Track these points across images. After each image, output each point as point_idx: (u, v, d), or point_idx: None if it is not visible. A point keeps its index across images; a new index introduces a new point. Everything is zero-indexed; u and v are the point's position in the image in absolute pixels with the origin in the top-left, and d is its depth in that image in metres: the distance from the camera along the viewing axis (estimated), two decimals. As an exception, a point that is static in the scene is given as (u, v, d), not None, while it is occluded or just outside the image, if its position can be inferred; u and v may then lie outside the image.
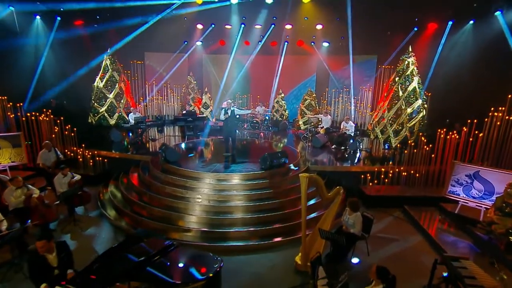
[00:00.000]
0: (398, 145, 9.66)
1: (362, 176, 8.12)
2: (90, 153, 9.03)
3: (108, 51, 11.65)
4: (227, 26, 13.97)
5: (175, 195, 6.92)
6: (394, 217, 7.18)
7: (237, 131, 9.14)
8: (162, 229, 6.11)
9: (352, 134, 10.48)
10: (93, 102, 11.38)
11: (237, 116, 8.60)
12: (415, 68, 10.31)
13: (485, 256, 5.38)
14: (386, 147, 10.49)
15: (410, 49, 10.43)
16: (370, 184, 8.13)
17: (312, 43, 14.91)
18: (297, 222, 5.99)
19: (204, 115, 13.30)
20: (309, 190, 6.68)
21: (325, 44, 14.75)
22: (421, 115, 10.13)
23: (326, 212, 5.36)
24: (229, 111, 8.43)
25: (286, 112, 14.64)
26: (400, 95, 10.23)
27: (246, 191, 6.93)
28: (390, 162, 8.74)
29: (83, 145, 9.05)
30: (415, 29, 12.61)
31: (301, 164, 8.35)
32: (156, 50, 14.99)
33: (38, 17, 10.95)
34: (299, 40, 14.82)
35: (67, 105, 11.67)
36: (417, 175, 8.19)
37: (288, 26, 13.70)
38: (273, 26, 13.78)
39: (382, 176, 8.21)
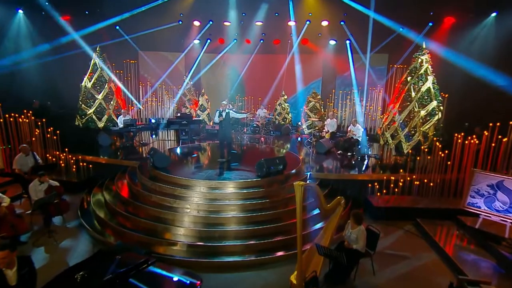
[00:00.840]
0: (410, 151, 9.32)
1: (370, 185, 7.87)
2: (73, 158, 8.87)
3: (98, 48, 11.53)
4: (226, 23, 13.88)
5: (162, 204, 6.74)
6: (405, 231, 6.87)
7: (233, 135, 8.91)
8: (147, 242, 5.89)
9: (360, 139, 10.27)
10: (81, 103, 11.26)
11: (234, 119, 8.38)
12: (430, 66, 10.00)
13: (510, 278, 5.03)
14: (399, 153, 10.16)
15: (424, 46, 10.11)
16: (378, 194, 7.86)
17: (318, 41, 14.77)
18: (295, 236, 5.66)
19: (201, 118, 13.13)
20: (308, 201, 6.53)
21: (332, 42, 14.59)
22: (436, 118, 9.78)
23: (325, 225, 5.08)
24: (224, 114, 8.35)
25: (290, 115, 14.47)
26: (413, 96, 9.92)
27: (239, 200, 6.73)
28: (401, 170, 8.43)
29: (66, 149, 8.87)
30: (430, 24, 12.30)
31: (302, 171, 8.19)
32: (151, 49, 14.99)
33: (20, 11, 10.92)
34: (303, 38, 14.64)
35: (52, 106, 11.57)
36: (431, 184, 7.88)
37: (291, 23, 13.54)
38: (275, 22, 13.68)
39: (392, 185, 7.91)
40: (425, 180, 7.93)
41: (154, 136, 13.06)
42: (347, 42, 14.00)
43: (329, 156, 10.16)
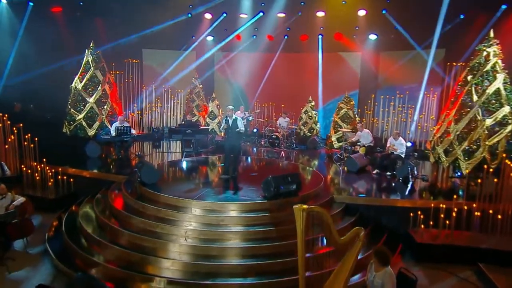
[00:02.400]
0: (468, 171, 8.52)
1: (412, 214, 7.22)
2: (52, 171, 8.86)
3: (91, 44, 11.75)
4: (242, 15, 13.83)
5: (144, 229, 6.47)
6: (459, 280, 6.14)
7: (242, 146, 8.94)
8: (122, 277, 5.62)
9: (403, 155, 9.72)
10: (69, 107, 11.41)
11: (240, 128, 8.35)
12: (499, 61, 9.15)
13: None
14: (458, 174, 9.35)
15: (492, 35, 9.24)
16: (422, 226, 7.16)
17: (354, 36, 14.39)
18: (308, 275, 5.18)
19: (209, 127, 12.97)
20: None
21: (372, 37, 14.12)
22: (509, 129, 8.87)
23: (338, 266, 4.52)
24: (231, 121, 8.22)
25: (317, 125, 14.09)
26: (475, 100, 9.15)
27: (238, 226, 6.42)
28: (455, 196, 7.70)
29: (44, 160, 8.89)
30: (503, 7, 11.37)
31: (323, 192, 7.78)
32: (156, 46, 15.18)
33: (4, 1, 11.31)
34: (336, 32, 14.27)
35: (35, 110, 11.83)
36: (500, 217, 7.11)
37: (321, 14, 13.22)
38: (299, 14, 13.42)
39: (442, 215, 7.20)
40: (491, 211, 7.18)
41: (156, 147, 13.10)
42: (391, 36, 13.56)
43: (362, 175, 9.72)
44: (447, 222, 7.14)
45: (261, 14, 13.64)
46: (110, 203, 7.45)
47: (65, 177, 8.75)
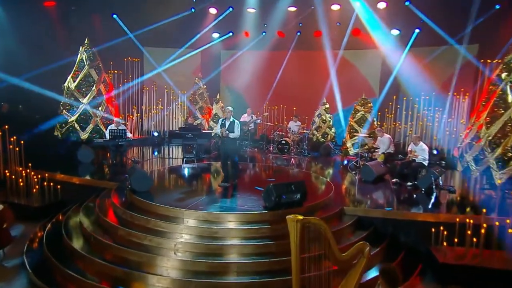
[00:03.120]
0: (501, 182, 8.21)
1: (434, 229, 6.91)
2: (38, 176, 8.88)
3: (86, 40, 11.86)
4: (249, 10, 13.80)
5: (133, 242, 6.36)
6: None
7: (237, 151, 9.00)
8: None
9: (425, 163, 9.45)
10: (62, 108, 11.50)
11: (235, 134, 8.30)
12: (540, 55, 8.88)
13: None
14: (490, 185, 9.08)
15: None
16: (445, 244, 6.85)
17: (374, 32, 14.07)
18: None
19: (212, 131, 12.91)
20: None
21: (394, 32, 13.99)
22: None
23: (339, 287, 4.29)
24: (227, 124, 8.21)
25: (332, 130, 13.92)
26: (510, 101, 8.90)
27: (235, 239, 6.28)
28: (485, 210, 7.37)
29: (30, 165, 8.92)
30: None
31: (332, 203, 7.62)
32: (158, 44, 15.30)
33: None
34: (354, 28, 14.17)
35: (24, 111, 11.95)
36: None
37: (336, 7, 13.07)
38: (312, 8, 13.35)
39: (469, 232, 6.86)
40: (529, 228, 6.83)
41: (156, 152, 13.22)
42: (416, 30, 13.37)
43: (379, 185, 9.50)
44: (475, 239, 6.82)
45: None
46: (97, 213, 7.39)
47: (52, 184, 8.75)
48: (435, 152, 12.03)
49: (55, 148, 11.14)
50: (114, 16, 13.51)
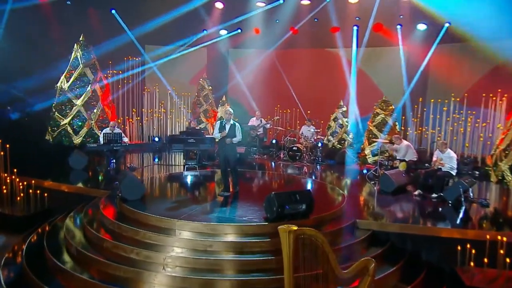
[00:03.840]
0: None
1: (459, 247, 6.65)
2: (24, 183, 8.90)
3: (81, 37, 11.99)
4: (259, 4, 13.79)
5: (119, 256, 6.27)
6: None
7: (238, 157, 8.92)
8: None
9: (453, 172, 9.24)
10: (54, 110, 11.62)
11: (237, 139, 8.30)
12: None
13: None
14: None
15: None
16: (473, 264, 6.59)
17: (399, 26, 14.04)
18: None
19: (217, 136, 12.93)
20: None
21: (421, 27, 13.80)
22: None
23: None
24: (227, 126, 8.19)
25: (350, 136, 13.82)
26: None
27: (232, 254, 6.14)
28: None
29: (15, 170, 8.96)
30: None
31: (341, 216, 7.47)
32: (160, 42, 15.45)
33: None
34: (376, 23, 14.01)
35: (13, 112, 12.07)
36: None
37: (354, 0, 13.05)
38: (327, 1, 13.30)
39: (502, 251, 6.59)
40: None
41: (157, 159, 13.32)
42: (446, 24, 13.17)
43: (399, 197, 9.27)
44: (508, 260, 6.53)
45: (280, 1, 13.51)
46: (83, 223, 7.35)
47: (38, 191, 8.74)
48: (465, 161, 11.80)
49: (45, 153, 11.18)
50: (113, 11, 13.62)
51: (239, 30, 15.27)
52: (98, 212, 7.62)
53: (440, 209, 8.44)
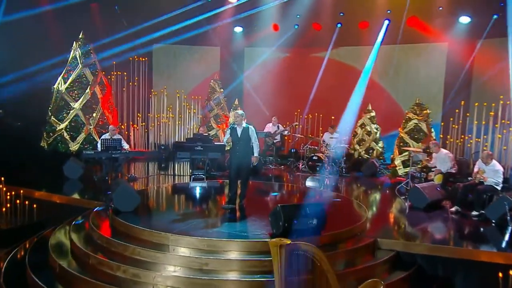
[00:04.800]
0: None
1: (501, 274, 6.45)
2: (12, 193, 8.98)
3: (81, 35, 12.18)
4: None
5: (105, 273, 6.24)
6: None
7: (251, 167, 8.65)
8: None
9: (498, 187, 8.99)
10: (50, 114, 11.80)
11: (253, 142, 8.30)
12: None
13: None
14: None
15: None
16: None
17: (437, 19, 13.97)
18: None
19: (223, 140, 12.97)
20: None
21: (464, 20, 13.51)
22: None
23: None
24: (240, 131, 8.15)
25: (379, 145, 13.65)
26: None
27: (232, 273, 6.07)
28: None
29: (2, 179, 9.10)
30: None
31: (362, 233, 7.36)
32: (170, 41, 15.58)
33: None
34: (411, 16, 13.87)
35: (6, 116, 12.30)
36: None
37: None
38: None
39: None
40: None
41: (162, 169, 13.40)
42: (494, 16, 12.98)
43: (433, 213, 9.06)
44: None
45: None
46: (70, 237, 7.37)
47: (27, 202, 8.84)
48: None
49: (39, 161, 11.34)
50: (116, 7, 13.82)
51: (256, 27, 15.30)
52: (88, 225, 7.65)
53: (481, 229, 8.23)
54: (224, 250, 6.33)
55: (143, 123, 15.38)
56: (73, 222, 7.98)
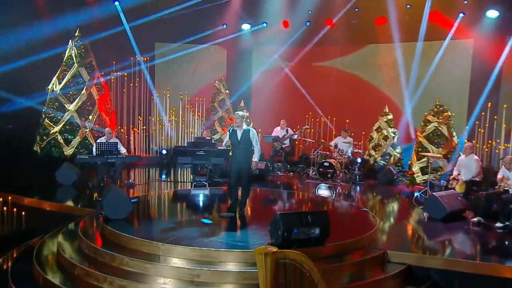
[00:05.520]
0: None
1: None
2: (-1, 199, 9.11)
3: (77, 32, 12.29)
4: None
5: (91, 285, 6.25)
6: None
7: (251, 172, 8.62)
8: None
9: None
10: (44, 116, 11.92)
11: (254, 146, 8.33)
12: None
13: None
14: None
15: None
16: None
17: (461, 15, 13.79)
18: None
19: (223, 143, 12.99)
20: None
21: (491, 14, 13.53)
22: None
23: None
24: (240, 133, 8.15)
25: (397, 150, 13.58)
26: None
27: (226, 286, 6.03)
28: None
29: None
30: None
31: (371, 244, 7.31)
32: (173, 39, 15.69)
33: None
34: (433, 11, 13.88)
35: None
36: None
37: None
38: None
39: None
40: None
41: (164, 175, 13.49)
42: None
43: (452, 225, 8.94)
44: None
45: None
46: (58, 246, 7.40)
47: (15, 210, 8.92)
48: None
49: (31, 166, 11.44)
50: (116, 3, 13.91)
51: (264, 24, 15.35)
52: (77, 233, 7.64)
53: (506, 242, 8.08)
54: (219, 261, 6.27)
55: (144, 127, 15.42)
56: (62, 231, 8.02)
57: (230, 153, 12.01)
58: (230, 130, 8.25)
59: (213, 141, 12.62)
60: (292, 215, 6.60)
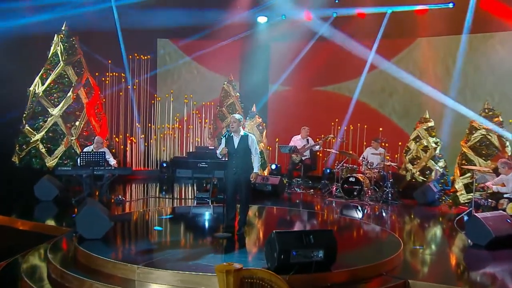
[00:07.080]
0: None
1: None
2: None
3: (64, 26, 12.47)
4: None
5: None
6: None
7: (251, 184, 8.77)
8: None
9: None
10: (24, 122, 12.07)
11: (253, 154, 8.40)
12: None
13: None
14: None
15: None
16: None
17: None
18: None
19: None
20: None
21: None
22: None
23: None
24: (236, 140, 8.25)
25: (440, 163, 13.45)
26: None
27: None
28: None
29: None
30: None
31: (391, 272, 7.12)
32: (178, 35, 15.85)
33: None
34: None
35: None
36: None
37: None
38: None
39: None
40: None
41: (164, 191, 13.66)
42: None
43: (500, 253, 8.72)
44: None
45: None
46: (21, 271, 7.45)
47: (-19, 229, 9.05)
48: None
49: (7, 179, 11.57)
50: None
51: (283, 17, 15.45)
52: (45, 255, 7.70)
53: None
54: (202, 286, 6.22)
55: (143, 135, 15.53)
56: (29, 253, 8.08)
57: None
58: (226, 136, 8.23)
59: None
60: (291, 234, 6.57)
